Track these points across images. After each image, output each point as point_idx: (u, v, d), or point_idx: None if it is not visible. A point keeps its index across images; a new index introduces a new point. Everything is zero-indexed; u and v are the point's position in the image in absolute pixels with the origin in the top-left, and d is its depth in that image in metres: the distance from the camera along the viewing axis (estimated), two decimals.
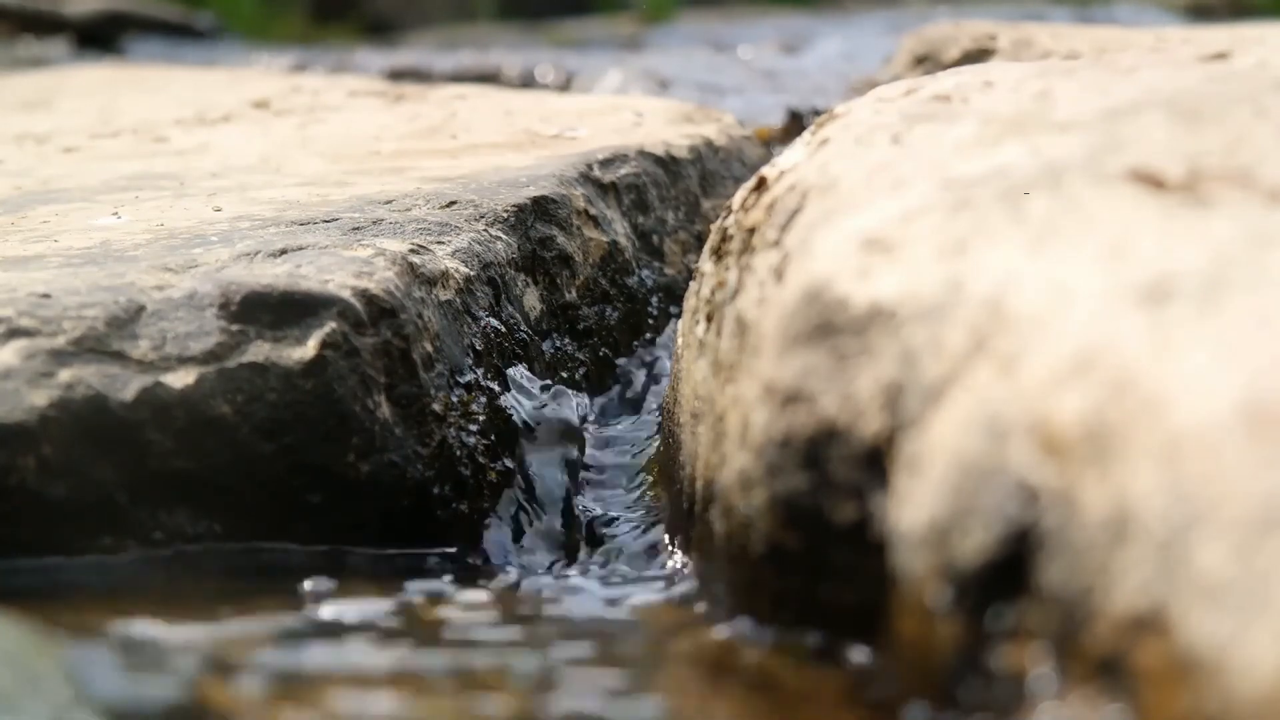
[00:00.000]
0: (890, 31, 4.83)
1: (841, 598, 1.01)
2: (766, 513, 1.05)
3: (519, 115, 2.46)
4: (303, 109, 2.77)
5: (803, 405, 1.03)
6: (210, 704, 0.96)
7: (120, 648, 1.04)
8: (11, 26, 5.94)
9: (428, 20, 7.88)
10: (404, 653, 1.09)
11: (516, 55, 4.67)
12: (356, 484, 1.38)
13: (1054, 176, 1.07)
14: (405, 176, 1.93)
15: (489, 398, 1.52)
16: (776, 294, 1.11)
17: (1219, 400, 0.76)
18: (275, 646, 1.09)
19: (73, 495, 1.30)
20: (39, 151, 2.40)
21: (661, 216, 2.02)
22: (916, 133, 1.24)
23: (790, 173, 1.27)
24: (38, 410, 1.29)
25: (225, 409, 1.34)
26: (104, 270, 1.46)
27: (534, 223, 1.77)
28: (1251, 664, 0.67)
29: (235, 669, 1.02)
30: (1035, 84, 1.33)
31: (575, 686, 1.02)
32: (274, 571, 1.34)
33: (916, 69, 2.97)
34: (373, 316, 1.41)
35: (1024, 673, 0.82)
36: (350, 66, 4.51)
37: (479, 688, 1.01)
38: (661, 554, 1.42)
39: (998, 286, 0.94)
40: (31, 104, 3.19)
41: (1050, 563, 0.81)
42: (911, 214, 1.07)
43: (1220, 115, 1.15)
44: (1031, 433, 0.85)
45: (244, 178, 1.99)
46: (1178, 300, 0.86)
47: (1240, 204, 0.97)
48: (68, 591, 1.27)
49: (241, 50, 5.77)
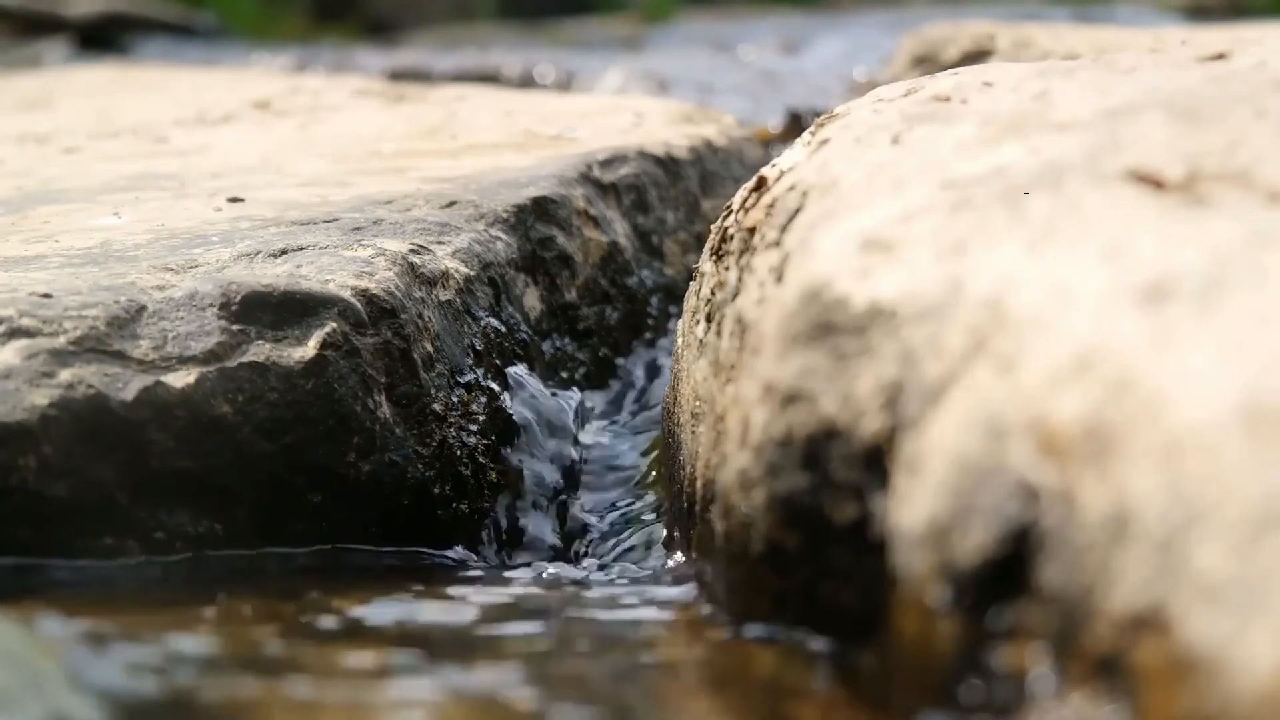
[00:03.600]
0: (890, 31, 4.83)
1: (841, 597, 1.01)
2: (766, 512, 1.05)
3: (519, 115, 2.46)
4: (303, 109, 2.77)
5: (803, 405, 1.03)
6: (210, 704, 0.96)
7: (120, 647, 1.04)
8: (11, 26, 5.94)
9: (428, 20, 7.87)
10: (404, 653, 1.09)
11: (516, 55, 4.67)
12: (357, 484, 1.38)
13: (1054, 176, 1.07)
14: (405, 177, 1.93)
15: (489, 398, 1.52)
16: (776, 294, 1.12)
17: (1219, 400, 0.77)
18: (275, 647, 1.09)
19: (73, 495, 1.30)
20: (40, 152, 2.40)
21: (661, 217, 2.03)
22: (916, 133, 1.24)
23: (790, 173, 1.27)
24: (38, 410, 1.29)
25: (226, 409, 1.34)
26: (105, 270, 1.46)
27: (534, 223, 1.77)
28: (1251, 663, 0.67)
29: (235, 669, 1.03)
30: (1035, 84, 1.33)
31: (575, 686, 1.02)
32: (274, 571, 1.34)
33: (916, 69, 2.97)
34: (373, 316, 1.41)
35: (1024, 672, 0.82)
36: (350, 66, 4.51)
37: (479, 687, 1.01)
38: (661, 554, 1.42)
39: (997, 286, 0.94)
40: (32, 104, 3.19)
41: (1050, 562, 0.81)
42: (911, 214, 1.07)
43: (1219, 115, 1.15)
44: (1031, 432, 0.85)
45: (245, 178, 1.99)
46: (1177, 300, 0.86)
47: (1240, 204, 0.97)
48: (68, 591, 1.27)
49: (241, 50, 5.77)
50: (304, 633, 1.13)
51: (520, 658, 1.09)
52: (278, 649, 1.08)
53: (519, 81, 3.99)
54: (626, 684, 1.04)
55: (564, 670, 1.05)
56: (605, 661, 1.09)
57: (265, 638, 1.11)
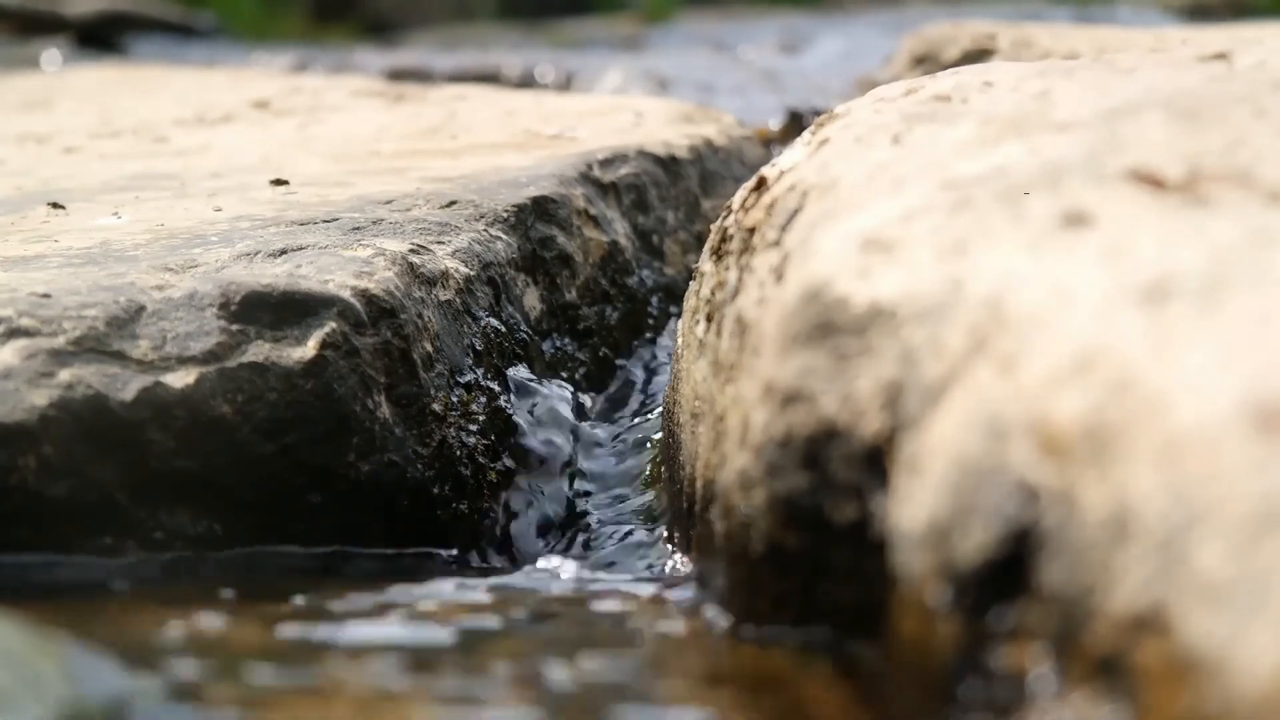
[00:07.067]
0: (890, 31, 4.84)
1: (841, 597, 1.01)
2: (766, 512, 1.05)
3: (519, 115, 2.46)
4: (303, 109, 2.77)
5: (803, 405, 1.03)
6: (209, 704, 0.96)
7: (120, 648, 1.04)
8: (11, 26, 5.95)
9: (428, 20, 7.88)
10: (404, 654, 1.09)
11: (516, 55, 4.67)
12: (356, 484, 1.38)
13: (1054, 176, 1.07)
14: (405, 176, 1.93)
15: (489, 398, 1.52)
16: (776, 294, 1.11)
17: (1219, 400, 0.77)
18: (274, 647, 1.09)
19: (73, 495, 1.30)
20: (39, 152, 2.40)
21: (661, 216, 2.03)
22: (916, 133, 1.24)
23: (790, 173, 1.27)
24: (38, 410, 1.29)
25: (225, 409, 1.34)
26: (104, 270, 1.46)
27: (534, 223, 1.77)
28: (1251, 663, 0.67)
29: (234, 669, 1.02)
30: (1035, 84, 1.33)
31: (576, 686, 1.02)
32: (274, 571, 1.34)
33: (916, 69, 2.97)
34: (373, 316, 1.41)
35: (1024, 672, 0.82)
36: (350, 66, 4.52)
37: (477, 688, 1.01)
38: (662, 554, 1.42)
39: (998, 286, 0.94)
40: (32, 104, 3.19)
41: (1050, 562, 0.81)
42: (911, 214, 1.07)
43: (1220, 115, 1.15)
44: (1031, 432, 0.85)
45: (244, 178, 1.99)
46: (1177, 300, 0.86)
47: (1240, 204, 0.97)
48: (68, 591, 1.27)
49: (241, 50, 5.78)
50: (303, 633, 1.13)
51: (520, 658, 1.09)
52: (277, 649, 1.08)
53: (519, 81, 3.99)
54: (626, 684, 1.04)
55: (563, 670, 1.05)
56: (605, 662, 1.09)
57: (264, 638, 1.11)
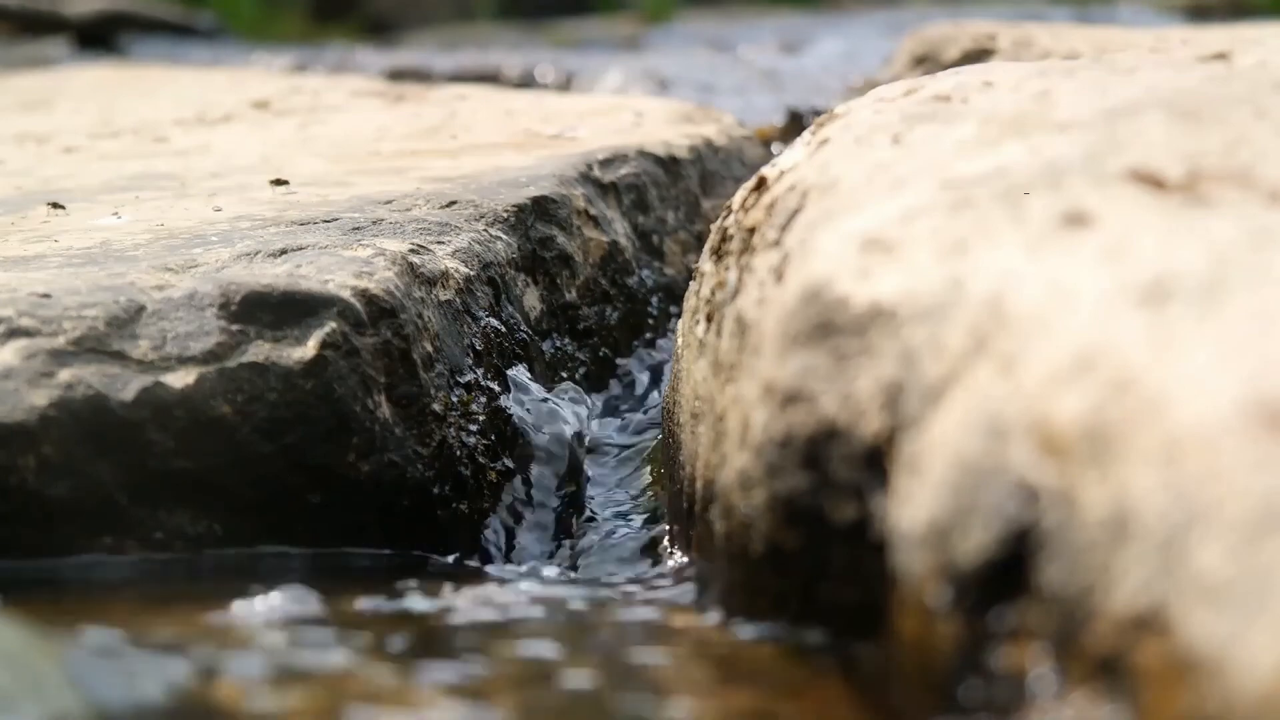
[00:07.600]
0: (890, 31, 4.84)
1: (841, 597, 1.01)
2: (766, 512, 1.05)
3: (519, 115, 2.46)
4: (303, 109, 2.77)
5: (803, 405, 1.03)
6: (209, 705, 0.96)
7: (120, 648, 1.04)
8: (11, 26, 5.95)
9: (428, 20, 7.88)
10: (404, 655, 1.09)
11: (516, 55, 4.67)
12: (357, 484, 1.38)
13: (1054, 176, 1.07)
14: (405, 177, 1.93)
15: (489, 398, 1.52)
16: (776, 294, 1.11)
17: (1219, 400, 0.76)
18: (274, 647, 1.09)
19: (73, 495, 1.30)
20: (39, 152, 2.40)
21: (661, 216, 2.03)
22: (916, 133, 1.24)
23: (790, 173, 1.27)
24: (38, 410, 1.29)
25: (225, 409, 1.34)
26: (104, 270, 1.46)
27: (534, 223, 1.77)
28: (1251, 663, 0.67)
29: (234, 670, 1.02)
30: (1035, 84, 1.33)
31: (576, 687, 1.02)
32: (274, 572, 1.34)
33: (916, 69, 2.97)
34: (373, 316, 1.41)
35: (1024, 672, 0.82)
36: (350, 66, 4.52)
37: (479, 689, 1.01)
38: (661, 554, 1.42)
39: (998, 286, 0.94)
40: (32, 104, 3.19)
41: (1050, 562, 0.81)
42: (911, 214, 1.07)
43: (1220, 115, 1.15)
44: (1031, 432, 0.85)
45: (244, 178, 1.99)
46: (1178, 300, 0.86)
47: (1240, 204, 0.97)
48: (68, 591, 1.27)
49: (241, 50, 5.78)
50: (303, 634, 1.13)
51: (519, 658, 1.09)
52: (277, 650, 1.08)
53: (519, 81, 3.99)
54: (626, 684, 1.04)
55: (563, 671, 1.05)
56: (605, 662, 1.09)
57: (264, 639, 1.11)
